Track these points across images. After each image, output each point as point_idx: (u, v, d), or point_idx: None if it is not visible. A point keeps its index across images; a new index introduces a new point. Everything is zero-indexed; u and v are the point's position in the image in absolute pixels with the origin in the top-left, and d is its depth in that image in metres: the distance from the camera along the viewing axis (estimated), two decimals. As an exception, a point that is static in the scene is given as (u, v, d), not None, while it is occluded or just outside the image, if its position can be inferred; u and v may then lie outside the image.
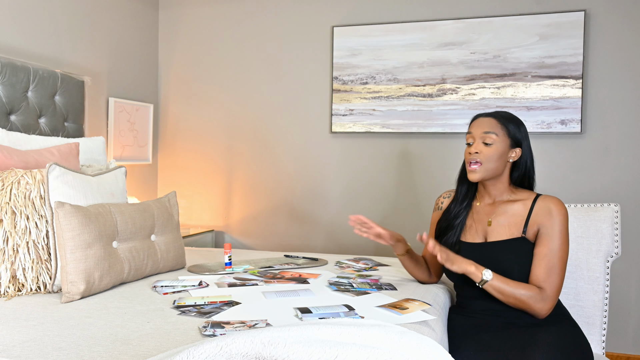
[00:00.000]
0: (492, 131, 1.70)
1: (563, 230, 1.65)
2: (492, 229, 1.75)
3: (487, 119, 1.74)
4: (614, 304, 2.85)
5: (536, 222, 1.68)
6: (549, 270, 1.62)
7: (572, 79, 2.92)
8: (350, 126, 3.33)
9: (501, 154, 1.71)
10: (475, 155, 1.70)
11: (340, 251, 3.38)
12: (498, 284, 1.61)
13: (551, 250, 1.63)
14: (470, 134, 1.74)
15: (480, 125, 1.73)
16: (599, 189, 2.92)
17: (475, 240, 1.77)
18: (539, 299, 1.60)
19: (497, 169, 1.72)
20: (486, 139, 1.70)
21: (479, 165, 1.70)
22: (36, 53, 2.71)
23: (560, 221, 1.65)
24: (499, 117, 1.75)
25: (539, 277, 1.62)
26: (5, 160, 1.97)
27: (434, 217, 1.96)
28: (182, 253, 2.22)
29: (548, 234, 1.65)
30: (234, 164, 3.61)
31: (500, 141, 1.70)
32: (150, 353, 1.28)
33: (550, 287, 1.61)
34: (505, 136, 1.71)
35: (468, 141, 1.75)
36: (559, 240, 1.64)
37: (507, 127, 1.72)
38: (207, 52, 3.65)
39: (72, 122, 2.73)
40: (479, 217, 1.79)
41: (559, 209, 1.66)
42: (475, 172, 1.71)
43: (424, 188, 3.19)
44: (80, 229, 1.75)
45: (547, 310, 1.61)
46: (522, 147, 1.75)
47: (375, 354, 1.05)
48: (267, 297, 1.75)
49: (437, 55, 3.16)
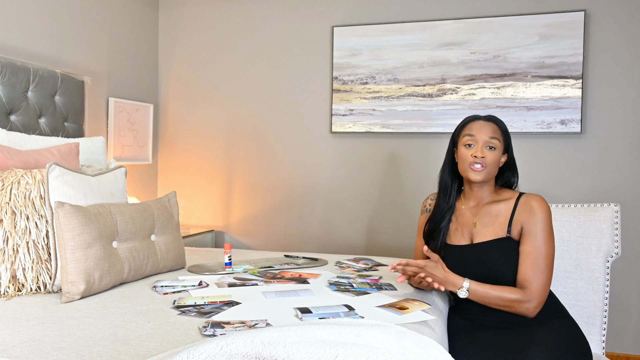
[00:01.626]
0: (496, 137, 1.73)
1: (546, 227, 1.66)
2: (477, 230, 1.76)
3: (488, 123, 1.76)
4: (614, 304, 2.85)
5: (519, 220, 1.69)
6: (534, 268, 1.63)
7: (572, 79, 2.92)
8: (350, 126, 3.33)
9: (499, 159, 1.74)
10: (482, 159, 1.71)
11: (340, 251, 3.38)
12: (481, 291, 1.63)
13: (535, 248, 1.64)
14: (473, 137, 1.74)
15: (484, 129, 1.74)
16: (599, 189, 2.92)
17: (461, 242, 1.78)
18: (523, 300, 1.61)
19: (494, 173, 1.76)
20: (491, 144, 1.72)
21: (483, 168, 1.71)
22: (36, 53, 2.71)
23: (542, 218, 1.66)
24: (499, 122, 1.78)
25: (525, 275, 1.63)
26: (5, 160, 1.97)
27: (422, 220, 1.96)
28: (182, 253, 2.22)
29: (531, 232, 1.66)
30: (234, 164, 3.61)
31: (500, 147, 1.74)
32: (150, 353, 1.28)
33: (535, 285, 1.62)
34: (502, 142, 1.75)
35: (468, 142, 1.75)
36: (543, 237, 1.65)
37: (504, 134, 1.77)
38: (207, 52, 3.65)
39: (72, 122, 2.72)
40: (464, 219, 1.80)
41: (540, 206, 1.68)
42: (479, 173, 1.72)
43: (424, 188, 3.19)
44: (80, 229, 1.75)
45: (534, 310, 1.62)
46: (509, 153, 1.80)
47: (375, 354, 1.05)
48: (267, 297, 1.75)
49: (437, 55, 3.16)
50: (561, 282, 1.98)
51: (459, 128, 1.82)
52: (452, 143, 1.84)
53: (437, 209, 1.85)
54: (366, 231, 3.35)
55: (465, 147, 1.75)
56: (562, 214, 2.01)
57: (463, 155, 1.75)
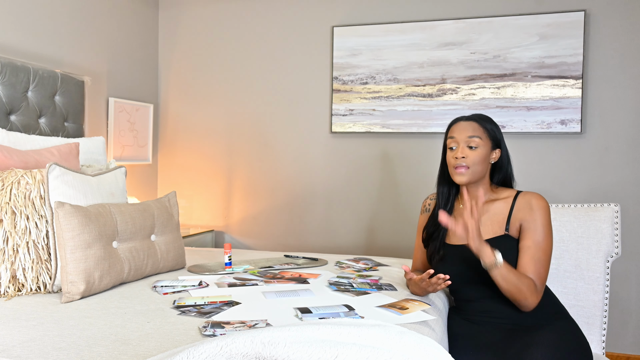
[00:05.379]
0: (476, 135, 1.72)
1: (545, 223, 1.66)
2: None
3: (468, 122, 1.75)
4: (614, 304, 2.84)
5: (518, 218, 1.69)
6: (535, 263, 1.63)
7: (572, 79, 2.92)
8: (350, 126, 3.33)
9: (485, 157, 1.73)
10: (462, 159, 1.71)
11: (340, 251, 3.38)
12: (506, 271, 1.57)
13: (535, 243, 1.64)
14: (454, 139, 1.74)
15: (463, 129, 1.73)
16: (599, 189, 2.92)
17: (461, 241, 1.78)
18: (533, 290, 1.60)
19: (482, 172, 1.74)
20: (471, 143, 1.71)
21: (465, 169, 1.71)
22: (36, 53, 2.71)
23: (541, 214, 1.66)
24: (480, 119, 1.76)
25: (526, 270, 1.63)
26: (5, 160, 1.97)
27: (422, 220, 1.96)
28: (182, 253, 2.22)
29: (531, 228, 1.66)
30: (234, 164, 3.61)
31: (484, 144, 1.72)
32: (150, 353, 1.27)
33: (538, 279, 1.62)
34: (487, 139, 1.73)
35: (451, 145, 1.74)
36: (542, 232, 1.65)
37: (488, 130, 1.75)
38: (207, 52, 3.65)
39: (72, 122, 2.72)
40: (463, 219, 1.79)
41: (539, 203, 1.68)
42: (463, 175, 1.71)
43: (424, 188, 3.19)
44: (80, 229, 1.75)
45: (536, 303, 1.61)
46: (501, 148, 1.78)
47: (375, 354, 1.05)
48: (267, 297, 1.75)
49: (437, 55, 3.16)
50: (561, 282, 1.98)
51: (445, 132, 1.82)
52: (444, 148, 1.84)
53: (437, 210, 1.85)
54: (366, 231, 3.35)
55: (449, 151, 1.76)
56: (562, 214, 2.01)
57: (448, 158, 1.76)
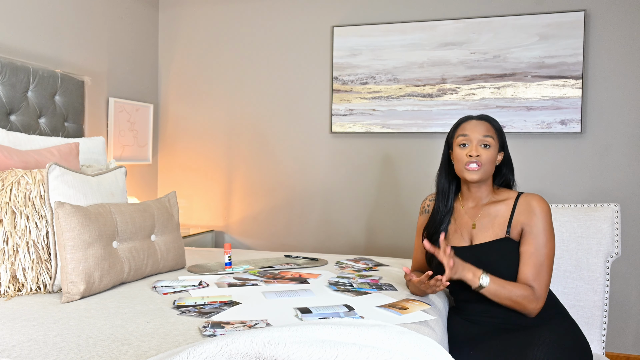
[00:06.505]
0: (490, 134, 1.73)
1: (547, 226, 1.66)
2: (476, 231, 1.75)
3: (481, 122, 1.75)
4: (614, 304, 2.84)
5: (519, 221, 1.69)
6: (538, 269, 1.63)
7: (572, 79, 2.92)
8: (350, 126, 3.33)
9: (495, 157, 1.74)
10: (477, 158, 1.71)
11: (340, 251, 3.38)
12: (495, 288, 1.60)
13: (537, 248, 1.64)
14: (466, 137, 1.74)
15: (477, 128, 1.73)
16: (599, 189, 2.92)
17: (461, 244, 1.77)
18: (532, 298, 1.60)
19: (490, 171, 1.74)
20: (485, 142, 1.72)
21: (479, 167, 1.71)
22: (36, 53, 2.71)
23: (543, 218, 1.66)
24: (491, 121, 1.78)
25: (528, 276, 1.63)
26: (5, 160, 1.97)
27: (421, 221, 1.95)
28: (182, 253, 2.22)
29: (532, 232, 1.66)
30: (234, 164, 3.61)
31: (494, 145, 1.73)
32: (150, 353, 1.27)
33: (539, 286, 1.62)
34: (497, 140, 1.75)
35: (462, 142, 1.74)
36: (544, 237, 1.65)
37: (498, 132, 1.76)
38: (207, 52, 3.65)
39: (72, 122, 2.72)
40: (463, 220, 1.80)
41: (540, 206, 1.67)
42: (476, 172, 1.71)
43: (424, 188, 3.19)
44: (80, 229, 1.75)
45: (538, 309, 1.62)
46: (505, 151, 1.79)
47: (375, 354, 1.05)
48: (267, 297, 1.75)
49: (437, 55, 3.16)
50: (561, 282, 1.98)
51: (452, 129, 1.81)
52: (447, 145, 1.84)
53: (436, 213, 1.84)
54: (366, 231, 3.35)
55: (459, 148, 1.75)
56: (562, 214, 2.01)
57: (458, 155, 1.75)
